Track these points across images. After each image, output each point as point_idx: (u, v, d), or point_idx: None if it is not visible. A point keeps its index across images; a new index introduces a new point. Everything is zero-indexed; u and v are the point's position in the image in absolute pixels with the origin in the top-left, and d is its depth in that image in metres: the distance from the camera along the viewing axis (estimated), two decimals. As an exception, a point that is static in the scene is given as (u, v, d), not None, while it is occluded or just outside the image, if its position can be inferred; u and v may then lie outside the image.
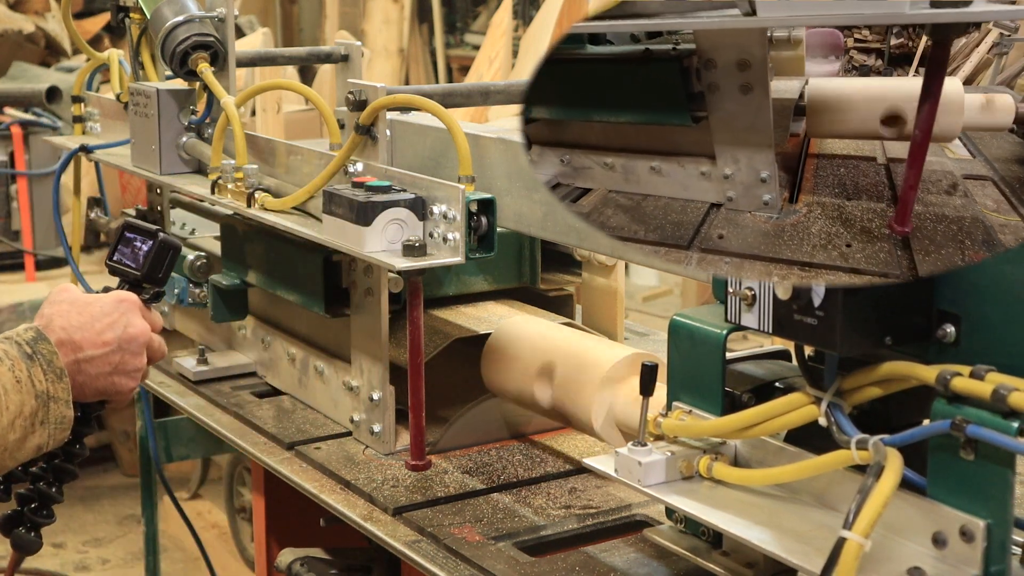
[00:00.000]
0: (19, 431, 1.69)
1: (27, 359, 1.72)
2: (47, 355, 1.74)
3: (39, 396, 1.71)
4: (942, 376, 1.40)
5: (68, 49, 6.30)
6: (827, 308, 1.46)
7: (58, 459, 1.88)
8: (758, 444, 1.67)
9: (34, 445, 1.72)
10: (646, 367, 1.74)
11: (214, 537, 4.71)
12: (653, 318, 5.97)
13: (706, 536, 1.75)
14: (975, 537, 1.40)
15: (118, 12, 2.99)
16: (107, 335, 1.81)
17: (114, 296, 1.87)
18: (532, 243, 2.51)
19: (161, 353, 1.92)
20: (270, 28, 7.53)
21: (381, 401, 2.26)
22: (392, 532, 2.00)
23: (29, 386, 1.71)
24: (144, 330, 1.86)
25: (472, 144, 2.16)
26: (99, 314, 1.82)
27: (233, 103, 2.53)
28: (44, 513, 1.88)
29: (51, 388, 1.73)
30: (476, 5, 8.98)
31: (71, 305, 1.82)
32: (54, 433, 1.74)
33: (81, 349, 1.79)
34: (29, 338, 1.75)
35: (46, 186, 5.02)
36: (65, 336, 1.78)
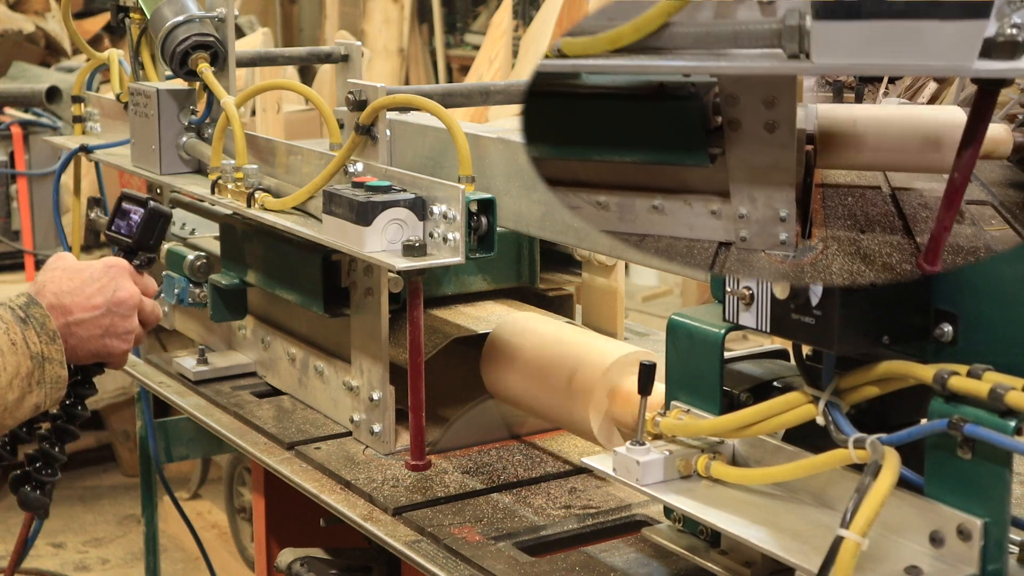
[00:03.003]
0: (17, 391, 1.77)
1: (21, 323, 1.80)
2: (39, 318, 1.82)
3: (34, 357, 1.79)
4: (939, 375, 1.40)
5: (68, 49, 6.30)
6: (825, 307, 1.47)
7: (60, 420, 1.98)
8: (756, 443, 1.67)
9: (32, 404, 1.80)
10: (644, 366, 1.75)
11: (214, 537, 4.71)
12: (653, 318, 5.97)
13: (704, 535, 1.75)
14: (972, 536, 1.40)
15: (118, 12, 2.99)
16: (96, 299, 1.89)
17: (104, 262, 1.95)
18: (531, 243, 2.52)
19: (155, 317, 1.99)
20: (270, 28, 7.53)
21: (381, 401, 2.26)
22: (392, 532, 2.01)
23: (24, 348, 1.78)
24: (133, 294, 1.93)
25: (472, 144, 2.16)
26: (89, 279, 1.90)
27: (233, 103, 2.54)
28: (48, 472, 1.98)
29: (45, 350, 1.81)
30: (476, 5, 8.98)
31: (63, 272, 1.91)
32: (50, 392, 1.82)
33: (71, 313, 1.86)
34: (22, 303, 1.84)
35: (46, 186, 5.03)
36: (56, 301, 1.86)
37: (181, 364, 2.73)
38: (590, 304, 2.61)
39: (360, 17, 8.48)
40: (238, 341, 2.78)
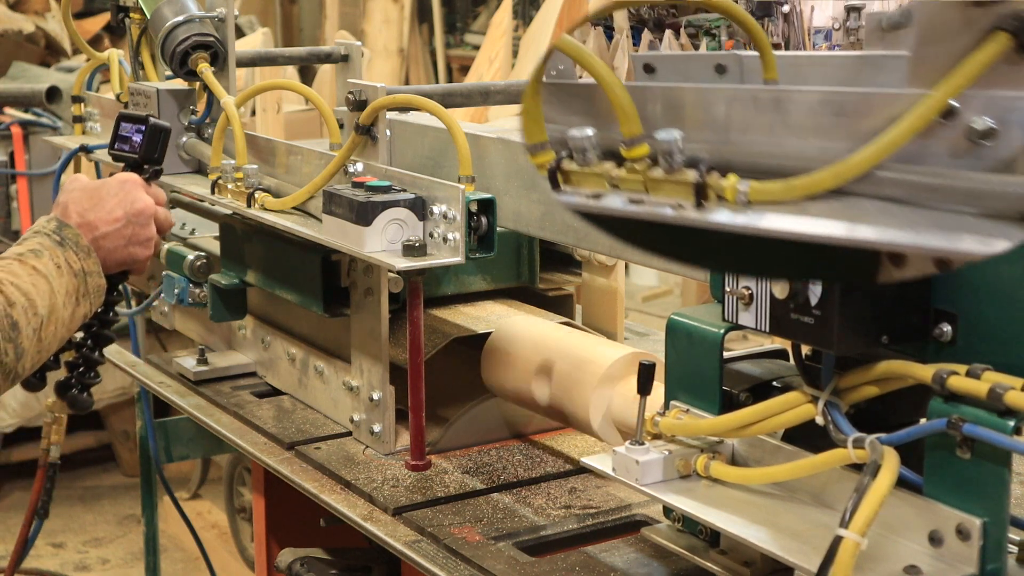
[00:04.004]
0: (70, 307, 1.97)
1: (59, 246, 1.99)
2: (73, 238, 2.01)
3: (77, 274, 1.98)
4: (938, 375, 1.40)
5: (68, 49, 6.30)
6: (824, 307, 1.47)
7: (95, 327, 2.20)
8: (755, 443, 1.67)
9: (81, 315, 2.01)
10: (643, 366, 1.75)
11: (214, 537, 4.71)
12: (653, 318, 5.97)
13: (704, 535, 1.75)
14: (971, 535, 1.40)
15: (118, 12, 2.99)
16: (117, 212, 2.07)
17: (117, 178, 2.13)
18: (531, 243, 2.52)
19: (168, 224, 2.17)
20: (270, 28, 7.53)
21: (381, 401, 2.26)
22: (392, 532, 2.01)
23: (67, 268, 1.97)
24: (149, 203, 2.11)
25: (472, 144, 2.16)
26: (107, 195, 2.08)
27: (233, 103, 2.54)
28: (91, 375, 2.21)
29: (84, 265, 2.00)
30: (476, 5, 8.98)
31: (82, 192, 2.07)
32: (94, 301, 2.03)
33: (97, 228, 2.05)
34: (54, 227, 2.01)
35: (46, 186, 5.02)
36: (81, 219, 2.04)
37: (181, 364, 2.74)
38: (590, 304, 2.61)
39: (360, 17, 8.48)
40: (238, 341, 2.78)
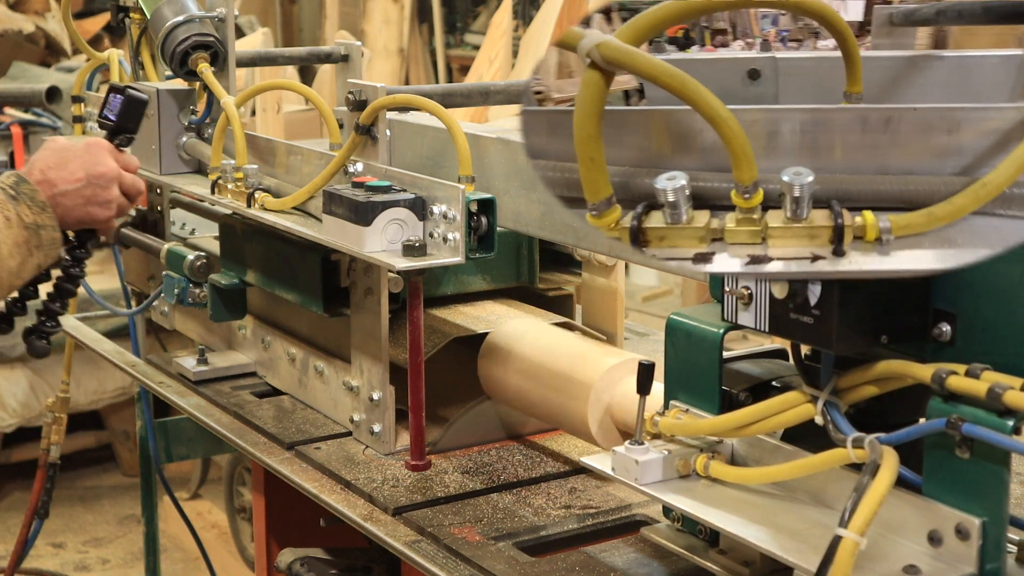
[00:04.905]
0: (17, 257, 2.07)
1: (12, 200, 2.08)
2: (29, 193, 2.11)
3: (28, 227, 2.08)
4: (938, 375, 1.40)
5: (68, 49, 6.30)
6: (823, 307, 1.47)
7: (60, 280, 2.30)
8: (755, 443, 1.67)
9: (34, 265, 2.11)
10: (642, 366, 1.75)
11: (214, 537, 4.72)
12: (653, 318, 5.97)
13: (703, 535, 1.75)
14: (971, 535, 1.40)
15: (118, 12, 2.99)
16: (79, 173, 2.17)
17: (87, 141, 2.24)
18: (530, 242, 2.52)
19: (136, 190, 2.26)
20: (270, 28, 7.53)
21: (381, 401, 2.26)
22: (392, 532, 2.01)
23: (18, 220, 2.07)
24: (112, 167, 2.21)
25: (472, 144, 2.17)
26: (72, 156, 2.18)
27: (233, 103, 2.54)
28: (52, 324, 2.31)
29: (38, 219, 2.10)
30: (476, 5, 8.98)
31: (51, 152, 2.18)
32: (49, 252, 2.13)
33: (56, 186, 2.14)
34: (11, 183, 2.11)
35: (46, 186, 5.02)
36: (42, 176, 2.14)
37: (181, 364, 2.74)
38: (590, 304, 2.61)
39: (360, 17, 8.48)
40: (238, 341, 2.78)
